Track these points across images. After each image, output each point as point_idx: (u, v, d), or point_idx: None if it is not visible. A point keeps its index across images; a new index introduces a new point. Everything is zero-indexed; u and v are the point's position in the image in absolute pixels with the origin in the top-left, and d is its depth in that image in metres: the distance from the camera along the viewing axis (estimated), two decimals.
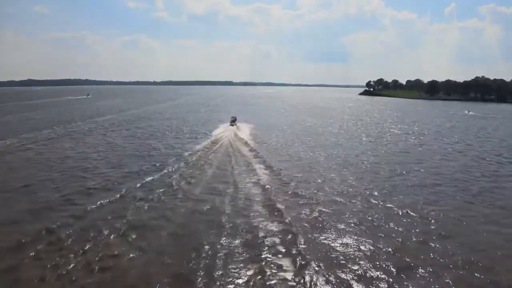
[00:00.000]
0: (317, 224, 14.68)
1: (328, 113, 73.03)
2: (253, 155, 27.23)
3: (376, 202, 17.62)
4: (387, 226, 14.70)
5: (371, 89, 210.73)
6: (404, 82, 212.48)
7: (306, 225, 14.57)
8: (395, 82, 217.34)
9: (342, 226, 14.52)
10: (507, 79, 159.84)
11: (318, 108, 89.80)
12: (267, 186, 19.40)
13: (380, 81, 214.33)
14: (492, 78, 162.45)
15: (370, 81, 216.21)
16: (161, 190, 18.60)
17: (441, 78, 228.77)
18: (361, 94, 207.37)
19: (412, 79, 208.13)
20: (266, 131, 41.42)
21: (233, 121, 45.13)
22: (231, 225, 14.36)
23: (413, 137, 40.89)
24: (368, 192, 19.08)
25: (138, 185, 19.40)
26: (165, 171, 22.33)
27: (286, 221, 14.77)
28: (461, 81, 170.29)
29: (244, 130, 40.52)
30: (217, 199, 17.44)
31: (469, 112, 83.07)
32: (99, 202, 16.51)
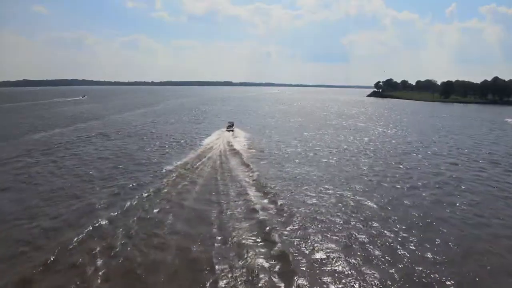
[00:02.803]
0: None
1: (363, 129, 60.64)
2: None
3: None
4: None
5: (380, 90, 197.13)
6: (413, 83, 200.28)
7: None
8: (404, 83, 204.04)
9: None
10: None
11: (338, 115, 76.97)
12: None
13: (389, 82, 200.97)
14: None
15: (379, 82, 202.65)
16: None
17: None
18: (369, 95, 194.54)
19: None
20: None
21: (230, 127, 42.95)
22: None
23: None
24: None
25: None
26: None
27: None
28: (479, 82, 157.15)
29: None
30: None
31: None
32: None
